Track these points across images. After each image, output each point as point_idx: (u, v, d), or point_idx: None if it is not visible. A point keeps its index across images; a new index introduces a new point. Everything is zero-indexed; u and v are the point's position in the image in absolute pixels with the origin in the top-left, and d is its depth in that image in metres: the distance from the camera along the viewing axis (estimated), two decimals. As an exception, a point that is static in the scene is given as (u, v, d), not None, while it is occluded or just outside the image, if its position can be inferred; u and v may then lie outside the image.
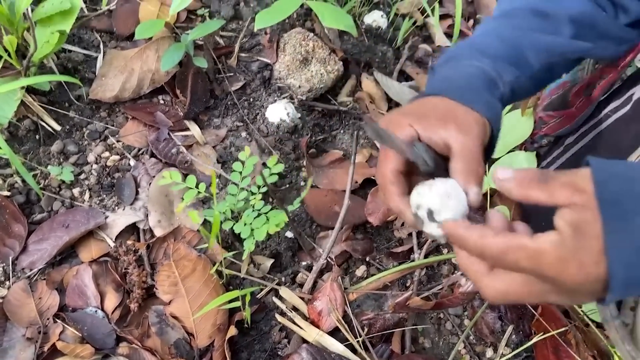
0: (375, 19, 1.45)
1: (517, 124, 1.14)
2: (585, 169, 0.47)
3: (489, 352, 1.02)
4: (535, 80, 0.77)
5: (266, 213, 0.99)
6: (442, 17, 1.56)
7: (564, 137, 1.13)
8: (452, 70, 0.70)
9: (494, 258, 0.49)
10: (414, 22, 1.46)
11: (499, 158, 1.13)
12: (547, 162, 1.13)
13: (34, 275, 0.96)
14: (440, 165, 0.58)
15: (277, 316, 0.97)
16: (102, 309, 0.95)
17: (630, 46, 0.88)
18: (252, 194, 1.02)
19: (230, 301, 0.91)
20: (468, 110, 0.61)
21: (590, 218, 0.44)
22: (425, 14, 1.49)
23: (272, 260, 1.05)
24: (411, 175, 0.61)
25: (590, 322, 0.99)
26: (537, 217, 1.12)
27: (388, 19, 1.45)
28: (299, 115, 1.23)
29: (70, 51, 1.18)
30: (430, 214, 0.53)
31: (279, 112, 1.19)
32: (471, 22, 1.62)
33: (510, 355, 1.00)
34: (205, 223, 1.05)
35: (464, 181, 0.55)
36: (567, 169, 1.02)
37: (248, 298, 0.88)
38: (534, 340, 0.95)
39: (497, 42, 0.74)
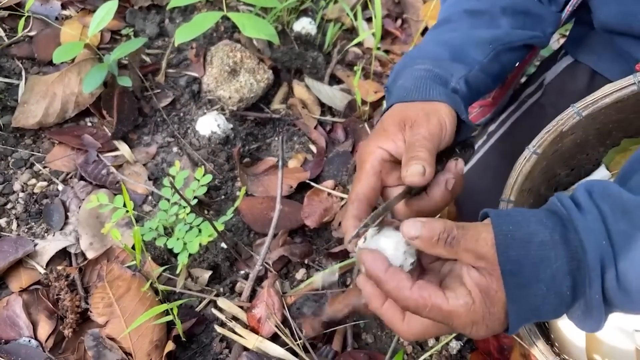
0: (304, 25, 1.47)
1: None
2: (486, 233, 0.50)
3: (431, 341, 1.04)
4: (489, 74, 0.78)
5: (198, 225, 1.00)
6: (370, 19, 1.59)
7: (487, 125, 1.17)
8: (401, 81, 0.71)
9: (409, 309, 0.52)
10: (341, 26, 1.49)
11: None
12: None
13: (-38, 311, 0.94)
14: None
15: (216, 327, 0.97)
16: (36, 338, 0.93)
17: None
18: (183, 207, 1.02)
19: (167, 315, 0.91)
20: (420, 105, 0.64)
21: (495, 286, 0.50)
22: (350, 17, 1.52)
23: (210, 272, 1.05)
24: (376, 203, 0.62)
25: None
26: (468, 208, 1.16)
27: (317, 25, 1.48)
28: (231, 125, 1.24)
29: (-11, 81, 1.16)
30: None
31: (209, 124, 1.20)
32: (399, 22, 1.66)
33: (450, 341, 1.02)
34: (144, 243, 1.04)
35: (402, 171, 0.57)
36: (492, 159, 1.04)
37: (175, 311, 0.88)
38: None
39: (434, 47, 0.77)
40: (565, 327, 0.75)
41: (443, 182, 0.59)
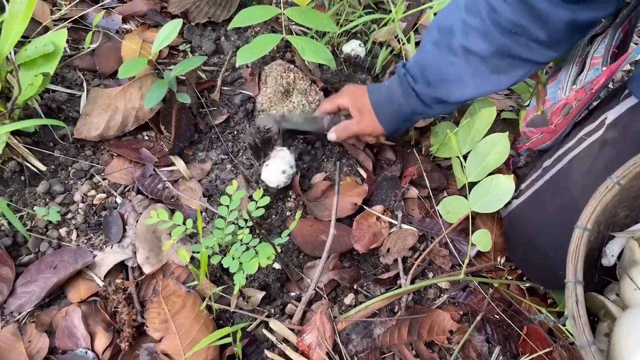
0: (354, 48, 1.48)
1: (495, 147, 1.17)
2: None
3: (478, 374, 1.04)
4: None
5: (255, 246, 1.01)
6: (418, 43, 1.60)
7: (542, 160, 1.16)
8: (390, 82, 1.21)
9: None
10: (391, 50, 1.50)
11: (479, 181, 1.16)
12: (525, 185, 1.16)
13: (23, 319, 0.96)
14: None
15: (267, 352, 0.97)
16: (93, 350, 0.94)
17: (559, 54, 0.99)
18: (240, 227, 1.03)
19: (226, 337, 0.92)
20: (371, 116, 1.18)
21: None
22: (402, 42, 1.53)
23: (262, 293, 1.06)
24: None
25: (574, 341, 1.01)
26: (518, 241, 1.15)
27: (366, 48, 1.49)
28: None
29: (54, 91, 1.19)
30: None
31: (262, 144, 1.21)
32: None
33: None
34: (194, 258, 1.05)
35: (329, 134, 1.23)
36: (547, 194, 1.09)
37: (239, 335, 0.89)
38: (521, 360, 0.97)
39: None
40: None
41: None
